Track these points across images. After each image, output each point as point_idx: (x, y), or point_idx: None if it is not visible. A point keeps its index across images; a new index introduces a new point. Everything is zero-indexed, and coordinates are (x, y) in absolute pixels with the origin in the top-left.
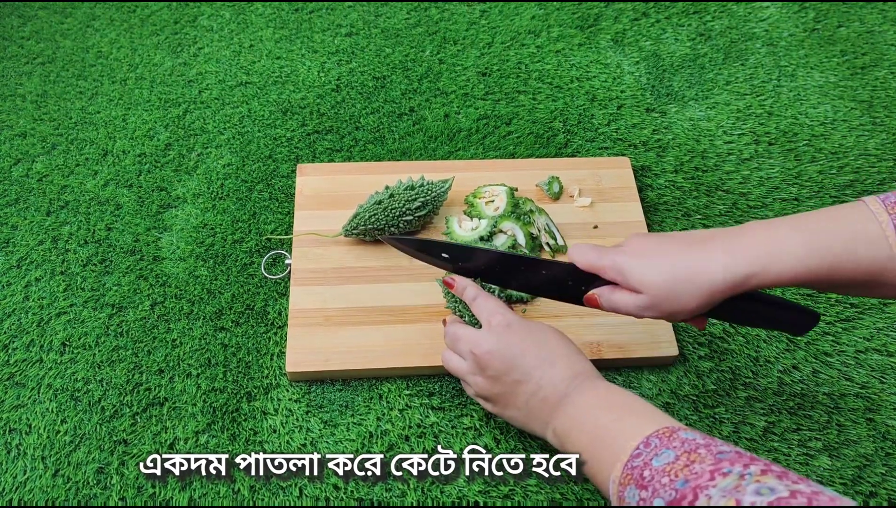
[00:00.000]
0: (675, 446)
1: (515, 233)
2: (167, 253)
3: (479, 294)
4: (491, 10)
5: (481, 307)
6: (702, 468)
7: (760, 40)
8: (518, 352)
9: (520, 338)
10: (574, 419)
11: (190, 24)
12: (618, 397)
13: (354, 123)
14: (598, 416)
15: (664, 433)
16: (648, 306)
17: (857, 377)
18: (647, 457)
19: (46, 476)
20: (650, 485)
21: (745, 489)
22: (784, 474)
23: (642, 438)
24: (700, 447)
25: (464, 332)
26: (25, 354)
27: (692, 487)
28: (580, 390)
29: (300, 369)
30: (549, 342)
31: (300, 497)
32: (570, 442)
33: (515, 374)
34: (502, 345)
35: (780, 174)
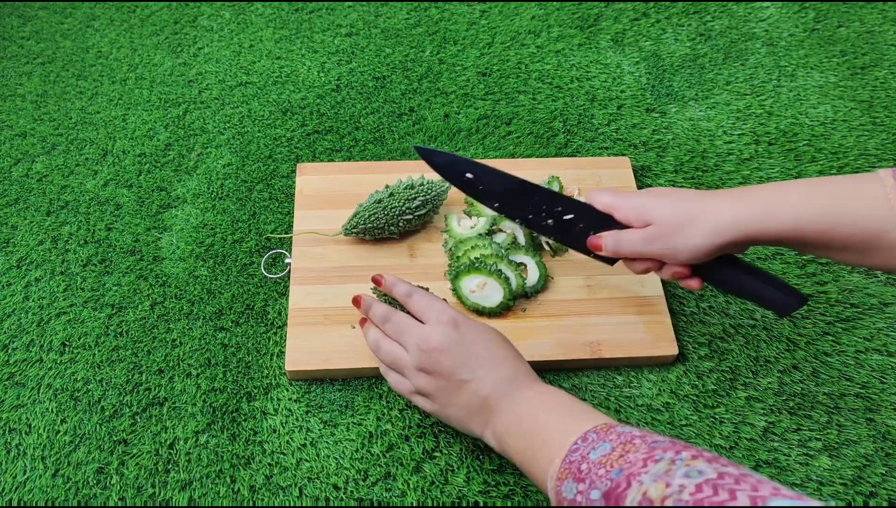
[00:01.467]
0: (612, 438)
1: (515, 232)
2: (167, 253)
3: (413, 291)
4: (491, 10)
5: (422, 304)
6: (636, 456)
7: (760, 40)
8: (467, 351)
9: (469, 337)
10: (512, 419)
11: (190, 24)
12: (556, 397)
13: (354, 123)
14: (537, 416)
15: (602, 429)
16: (655, 237)
17: (857, 377)
18: (585, 451)
19: (46, 476)
20: (587, 477)
21: (675, 472)
22: (714, 459)
23: (580, 434)
24: (636, 437)
25: (410, 324)
26: (25, 354)
27: (626, 475)
28: (520, 390)
29: (300, 367)
30: (494, 342)
31: (300, 497)
32: (508, 443)
33: (462, 373)
34: (451, 342)
35: (780, 174)
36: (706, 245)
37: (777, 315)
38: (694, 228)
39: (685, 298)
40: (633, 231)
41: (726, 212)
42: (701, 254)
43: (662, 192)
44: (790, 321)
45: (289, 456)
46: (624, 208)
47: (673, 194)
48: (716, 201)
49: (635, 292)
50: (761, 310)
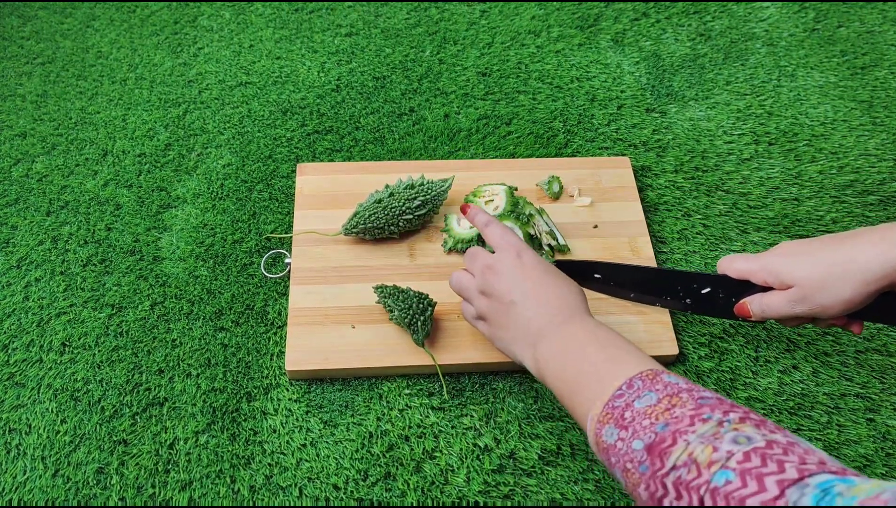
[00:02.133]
0: (658, 388)
1: (513, 229)
2: (167, 253)
3: (490, 221)
4: (491, 10)
5: (497, 234)
6: (682, 412)
7: (760, 40)
8: (522, 276)
9: (527, 264)
10: (558, 347)
11: (190, 25)
12: (605, 333)
13: (354, 123)
14: (583, 348)
15: (647, 375)
16: (800, 299)
17: (857, 377)
18: (630, 398)
19: (46, 476)
20: (630, 426)
21: (723, 437)
22: (762, 422)
23: (625, 379)
24: (682, 391)
25: (481, 251)
26: (25, 354)
27: (671, 431)
28: (569, 322)
29: (300, 367)
30: (552, 275)
31: (300, 497)
32: (550, 372)
33: (514, 294)
34: (510, 267)
35: (780, 174)
36: (858, 296)
37: None
38: (841, 282)
39: None
40: (778, 294)
41: (872, 259)
42: (854, 305)
43: (797, 248)
44: None
45: (289, 456)
46: (760, 274)
47: (810, 248)
48: (858, 245)
49: None
50: None
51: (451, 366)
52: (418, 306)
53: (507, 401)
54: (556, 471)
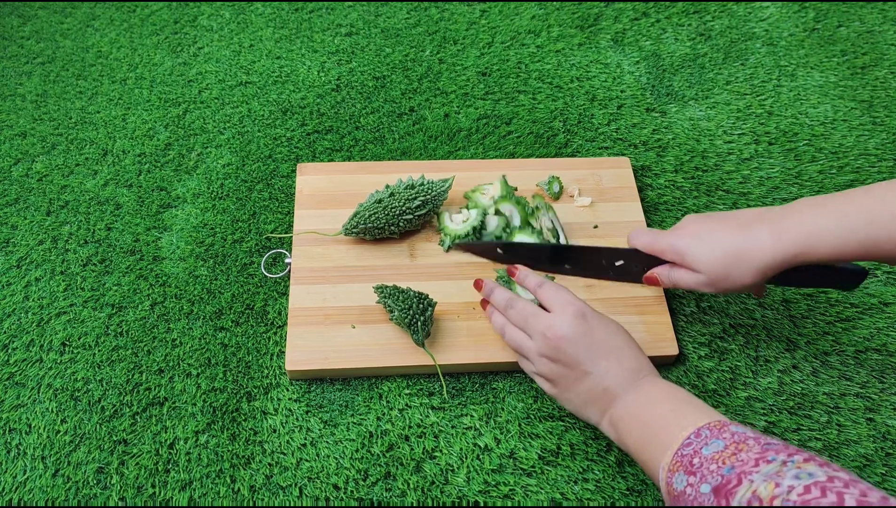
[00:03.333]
0: (725, 437)
1: (512, 215)
2: (167, 253)
3: (544, 281)
4: (491, 9)
5: (551, 295)
6: (748, 455)
7: (760, 40)
8: (590, 342)
9: (594, 329)
10: (631, 408)
11: (190, 24)
12: (673, 391)
13: (354, 123)
14: (654, 406)
15: (715, 426)
16: (707, 284)
17: (857, 378)
18: (698, 446)
19: (46, 476)
20: (698, 472)
21: (786, 473)
22: (826, 464)
23: (694, 429)
24: (749, 438)
25: (536, 312)
26: (25, 354)
27: (737, 473)
28: (642, 384)
29: (300, 367)
30: (619, 337)
31: (300, 496)
32: (624, 430)
33: (584, 364)
34: (577, 333)
35: (780, 174)
36: (757, 282)
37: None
38: (739, 272)
39: (685, 298)
40: (687, 273)
41: (766, 251)
42: (755, 286)
43: (699, 230)
44: (790, 321)
45: (289, 456)
46: (667, 254)
47: (710, 233)
48: (754, 236)
49: (635, 292)
50: (761, 310)
51: (451, 366)
52: (418, 307)
53: (507, 401)
54: (556, 471)
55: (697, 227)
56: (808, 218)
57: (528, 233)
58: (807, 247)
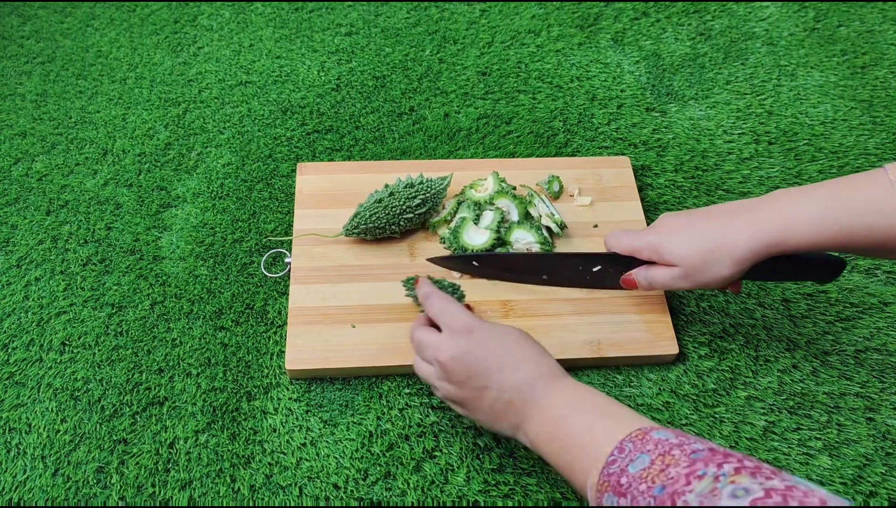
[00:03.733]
0: (650, 449)
1: (509, 210)
2: (167, 253)
3: (431, 293)
4: (491, 9)
5: (438, 309)
6: (677, 471)
7: (760, 40)
8: (480, 357)
9: (482, 343)
10: (544, 423)
11: (190, 24)
12: (587, 398)
13: (354, 123)
14: (570, 421)
15: (637, 437)
16: (683, 277)
17: (857, 377)
18: (623, 463)
19: (46, 476)
20: (628, 492)
21: (721, 492)
22: (757, 469)
23: (616, 443)
24: (674, 447)
25: (427, 338)
26: (25, 353)
27: (669, 493)
28: (546, 392)
29: (300, 366)
30: (511, 344)
31: (300, 496)
32: (541, 448)
33: (478, 380)
34: (464, 351)
35: (780, 174)
36: (734, 274)
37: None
38: (716, 264)
39: (685, 297)
40: (662, 269)
41: (742, 242)
42: (732, 280)
43: (676, 225)
44: (790, 320)
45: (289, 456)
46: (644, 252)
47: (687, 227)
48: (730, 227)
49: (635, 292)
50: (761, 310)
51: None
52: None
53: None
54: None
55: (673, 222)
56: (785, 207)
57: (527, 228)
58: (783, 236)
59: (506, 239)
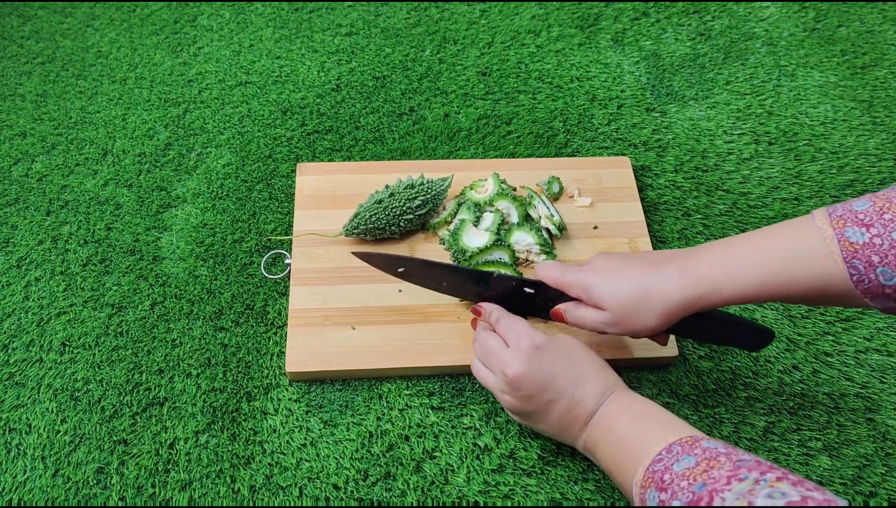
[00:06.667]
0: (697, 453)
1: (509, 211)
2: (167, 253)
3: (502, 315)
4: (491, 9)
5: (507, 328)
6: (720, 473)
7: (760, 40)
8: (549, 374)
9: (550, 359)
10: (601, 431)
11: (190, 24)
12: (643, 407)
13: (354, 123)
14: (623, 426)
15: (687, 441)
16: (611, 323)
17: (857, 377)
18: (669, 462)
19: (46, 476)
20: (669, 488)
21: (759, 493)
22: (800, 482)
23: (665, 444)
24: (721, 454)
25: (495, 347)
26: (25, 354)
27: (709, 490)
28: (609, 403)
29: (300, 369)
30: (578, 360)
31: (300, 496)
32: (598, 453)
33: (547, 395)
34: (532, 367)
35: (780, 174)
36: (662, 324)
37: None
38: (645, 311)
39: None
40: (592, 311)
41: (673, 293)
42: (660, 330)
43: (607, 267)
44: (790, 320)
45: (289, 456)
46: (574, 290)
47: (618, 271)
48: (661, 274)
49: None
50: (761, 310)
51: (450, 367)
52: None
53: None
54: (556, 471)
55: (606, 264)
56: (714, 257)
57: (527, 230)
58: (712, 287)
59: (506, 241)
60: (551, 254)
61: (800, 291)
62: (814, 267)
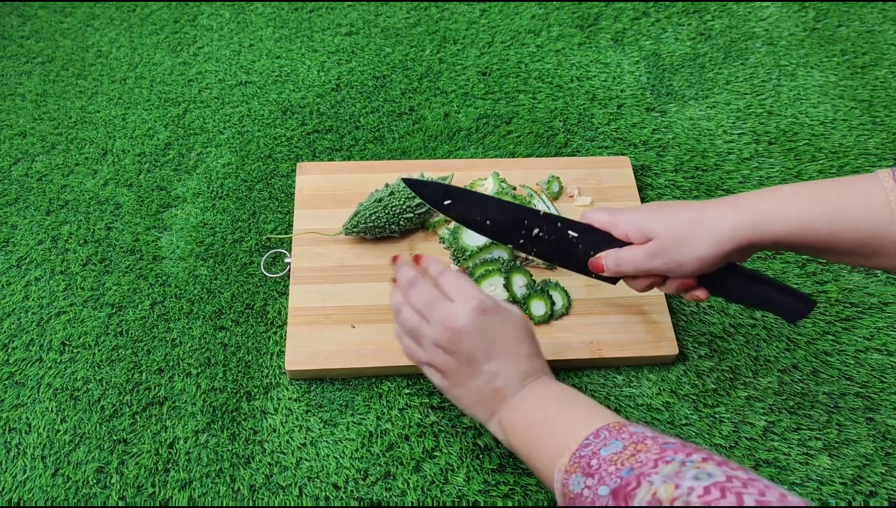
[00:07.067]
0: (624, 437)
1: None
2: (167, 253)
3: (446, 269)
4: (491, 9)
5: (453, 283)
6: (647, 456)
7: (760, 40)
8: (488, 339)
9: (494, 324)
10: (522, 412)
11: (190, 24)
12: (568, 394)
13: (354, 123)
14: (548, 408)
15: (614, 427)
16: (657, 252)
17: (857, 377)
18: (596, 447)
19: (46, 476)
20: (596, 473)
21: (685, 474)
22: (724, 462)
23: (592, 430)
24: (647, 438)
25: (437, 298)
26: (25, 353)
27: (636, 474)
28: (532, 387)
29: (300, 367)
30: (518, 335)
31: (300, 496)
32: (515, 435)
33: (478, 360)
34: (476, 327)
35: (780, 174)
36: (711, 255)
37: (787, 322)
38: (696, 238)
39: None
40: (635, 248)
41: (727, 220)
42: (706, 264)
43: (659, 206)
44: None
45: (289, 456)
46: (622, 225)
47: (671, 207)
48: (716, 209)
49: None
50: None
51: None
52: None
53: None
54: None
55: (656, 205)
56: (770, 199)
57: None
58: (768, 221)
59: None
60: None
61: (852, 239)
62: (870, 215)
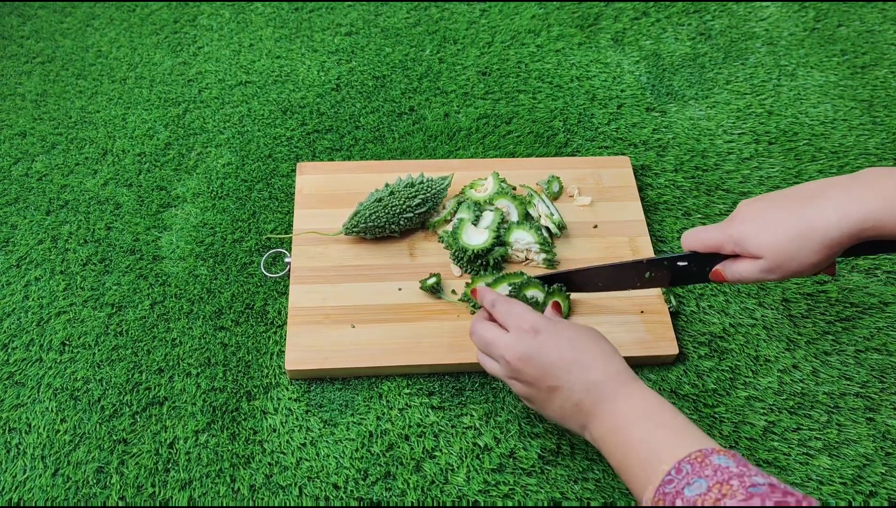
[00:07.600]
0: (708, 475)
1: (509, 210)
2: (167, 252)
3: (498, 299)
4: (491, 9)
5: (505, 313)
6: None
7: (760, 40)
8: (549, 358)
9: (550, 343)
10: (608, 427)
11: (190, 24)
12: (652, 406)
13: (354, 123)
14: (631, 428)
15: (696, 458)
16: (770, 270)
17: (857, 377)
18: (679, 485)
19: (46, 476)
20: None
21: None
22: None
23: (674, 462)
24: (733, 477)
25: (493, 336)
26: (25, 353)
27: None
28: (615, 395)
29: (300, 366)
30: (581, 344)
31: (300, 496)
32: (605, 450)
33: (548, 380)
34: (532, 351)
35: (780, 174)
36: (823, 260)
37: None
38: (804, 252)
39: (685, 297)
40: (749, 263)
41: (832, 227)
42: (820, 267)
43: (757, 214)
44: (790, 320)
45: (289, 456)
46: (728, 246)
47: (769, 214)
48: (817, 211)
49: (635, 292)
50: (761, 310)
51: (450, 366)
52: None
53: (506, 400)
54: (556, 470)
55: (752, 209)
56: (879, 189)
57: (527, 228)
58: (878, 220)
59: (505, 240)
60: (550, 253)
61: None
62: None
